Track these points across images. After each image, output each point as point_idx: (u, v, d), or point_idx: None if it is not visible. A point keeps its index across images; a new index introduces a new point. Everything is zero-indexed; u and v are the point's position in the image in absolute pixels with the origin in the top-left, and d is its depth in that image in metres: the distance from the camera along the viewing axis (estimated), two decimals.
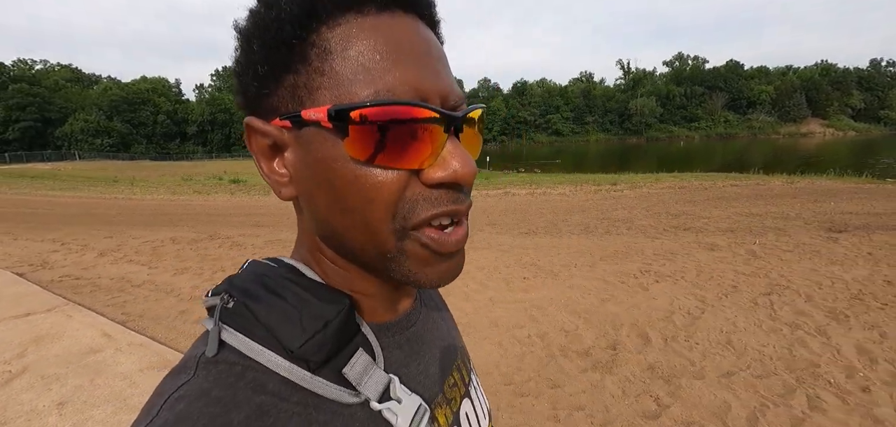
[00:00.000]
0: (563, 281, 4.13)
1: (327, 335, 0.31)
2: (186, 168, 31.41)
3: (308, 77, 0.30)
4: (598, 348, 2.81)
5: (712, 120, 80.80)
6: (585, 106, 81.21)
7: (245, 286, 0.33)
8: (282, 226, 8.17)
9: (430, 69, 0.31)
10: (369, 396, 0.33)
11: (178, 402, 0.28)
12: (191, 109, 62.35)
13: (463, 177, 0.31)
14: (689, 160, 31.66)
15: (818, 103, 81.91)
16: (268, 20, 0.30)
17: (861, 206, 8.18)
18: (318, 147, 0.31)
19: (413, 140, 0.30)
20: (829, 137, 69.73)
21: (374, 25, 0.30)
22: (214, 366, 0.30)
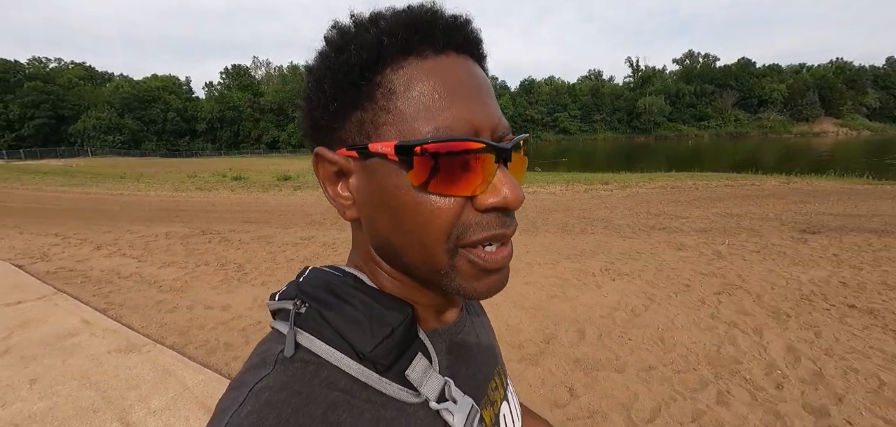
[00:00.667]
0: (523, 278, 4.29)
1: (394, 341, 0.35)
2: (194, 165, 32.02)
3: (374, 114, 0.34)
4: (533, 342, 2.97)
5: (722, 119, 79.70)
6: (593, 104, 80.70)
7: (314, 292, 0.37)
8: (270, 223, 8.42)
9: (481, 105, 0.35)
10: (429, 397, 0.36)
11: (263, 392, 0.31)
12: (200, 107, 63.32)
13: (512, 202, 0.34)
14: (696, 159, 31.36)
15: (831, 102, 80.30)
16: (339, 63, 0.35)
17: (846, 207, 8.18)
18: (383, 176, 0.34)
19: (467, 170, 0.33)
20: (843, 137, 68.29)
21: (432, 67, 0.34)
22: (292, 364, 0.33)
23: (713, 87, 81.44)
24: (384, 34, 0.34)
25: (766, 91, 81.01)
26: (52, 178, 20.60)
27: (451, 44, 0.35)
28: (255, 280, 4.59)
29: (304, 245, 6.10)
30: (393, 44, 0.34)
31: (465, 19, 0.37)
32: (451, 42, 0.35)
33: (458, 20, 0.37)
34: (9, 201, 13.06)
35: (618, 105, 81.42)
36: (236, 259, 5.47)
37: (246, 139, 64.15)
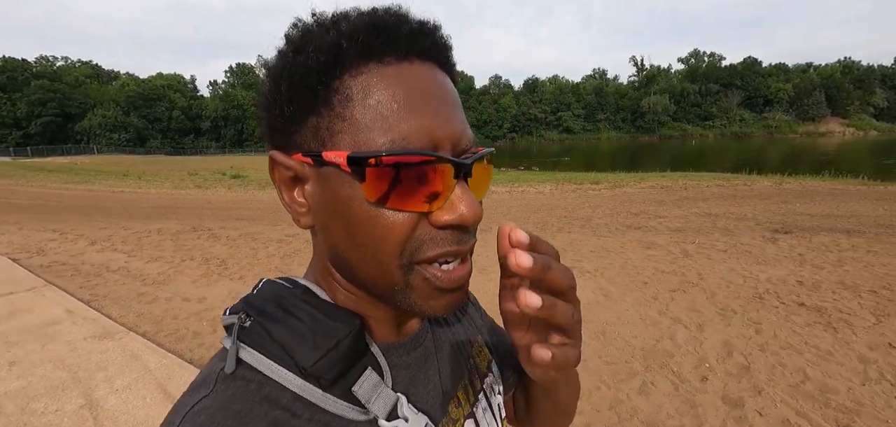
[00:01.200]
0: (487, 276, 4.47)
1: (338, 354, 0.33)
2: (196, 163, 32.46)
3: (330, 120, 0.32)
4: None
5: (727, 118, 79.19)
6: (597, 103, 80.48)
7: (261, 306, 0.36)
8: (260, 220, 8.64)
9: (443, 116, 0.33)
10: (377, 414, 0.34)
11: (198, 414, 0.30)
12: (205, 105, 64.02)
13: (468, 219, 0.33)
14: (699, 160, 31.25)
15: (838, 102, 79.50)
16: (296, 65, 0.33)
17: (827, 208, 8.27)
18: (336, 186, 0.33)
19: (424, 185, 0.32)
20: (849, 137, 67.53)
21: (393, 75, 0.32)
22: (233, 381, 0.32)
23: (718, 86, 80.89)
24: (344, 37, 0.32)
25: (771, 91, 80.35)
26: (56, 176, 21.02)
27: (414, 50, 0.34)
28: (235, 275, 4.81)
29: (288, 242, 6.32)
30: (352, 48, 0.32)
31: (432, 25, 0.36)
32: (416, 48, 0.34)
33: (424, 26, 0.35)
34: (13, 198, 13.42)
35: (622, 104, 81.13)
36: (220, 255, 5.69)
37: (250, 137, 64.68)
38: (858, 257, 4.98)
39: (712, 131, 76.90)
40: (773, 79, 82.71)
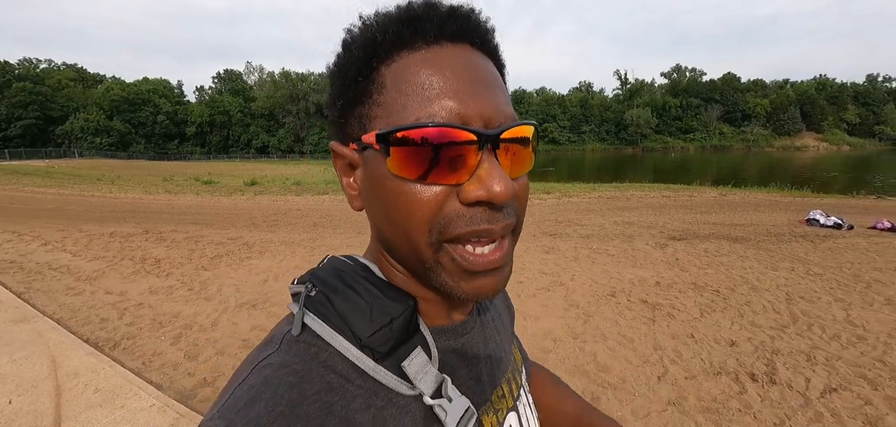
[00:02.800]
0: None
1: (392, 331, 0.36)
2: (175, 168, 32.64)
3: (369, 108, 0.36)
4: None
5: (707, 131, 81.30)
6: (582, 115, 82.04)
7: (325, 278, 0.38)
8: (212, 224, 9.09)
9: (472, 93, 0.34)
10: (424, 391, 0.36)
11: (264, 369, 0.33)
12: (190, 111, 63.93)
13: (497, 196, 0.32)
14: (677, 171, 32.11)
15: (813, 117, 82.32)
16: (343, 62, 0.38)
17: (736, 217, 9.01)
18: (374, 166, 0.36)
19: (449, 159, 0.33)
20: (823, 151, 69.71)
21: (422, 59, 0.35)
22: (296, 343, 0.35)
23: (699, 100, 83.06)
24: (378, 31, 0.35)
25: (749, 106, 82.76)
26: (30, 179, 21.10)
27: (444, 34, 0.35)
28: (162, 273, 5.29)
29: (226, 245, 6.80)
30: (385, 39, 0.35)
31: (465, 10, 0.37)
32: (444, 32, 0.35)
33: (454, 10, 0.37)
34: None
35: (606, 116, 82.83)
36: (158, 255, 6.16)
37: (235, 143, 64.71)
38: (726, 261, 5.64)
39: (693, 144, 78.80)
40: (751, 94, 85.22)
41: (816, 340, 3.42)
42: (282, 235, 7.69)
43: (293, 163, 48.87)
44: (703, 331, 3.61)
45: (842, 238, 6.87)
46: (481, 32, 0.38)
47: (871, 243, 6.54)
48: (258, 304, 4.19)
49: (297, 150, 64.52)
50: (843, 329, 3.62)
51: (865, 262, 5.56)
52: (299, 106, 64.87)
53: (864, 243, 6.50)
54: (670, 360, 3.12)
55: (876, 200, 14.97)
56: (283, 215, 10.65)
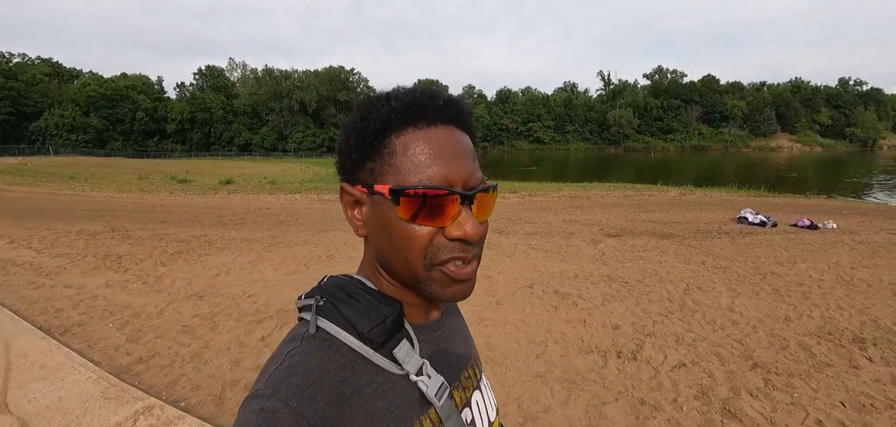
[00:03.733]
0: (310, 272, 5.45)
1: (385, 326, 0.49)
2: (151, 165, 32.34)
3: (381, 165, 0.49)
4: (267, 315, 4.14)
5: (687, 132, 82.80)
6: (566, 115, 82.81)
7: (331, 291, 0.51)
8: (180, 223, 9.34)
9: (457, 164, 0.48)
10: (410, 371, 0.49)
11: (295, 355, 0.46)
12: (171, 107, 62.89)
13: (470, 236, 0.47)
14: (657, 170, 32.88)
15: (787, 119, 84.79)
16: (362, 127, 0.50)
17: (679, 215, 9.66)
18: (383, 209, 0.48)
19: (439, 209, 0.46)
20: (797, 152, 71.79)
21: (424, 135, 0.48)
22: (313, 339, 0.48)
23: (679, 101, 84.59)
24: (393, 111, 0.48)
25: (727, 107, 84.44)
26: (1, 177, 20.84)
27: (440, 118, 0.49)
28: (120, 269, 5.61)
29: (189, 242, 7.11)
30: (398, 118, 0.48)
31: (455, 100, 0.52)
32: (441, 117, 0.49)
33: (448, 101, 0.51)
34: None
35: (590, 116, 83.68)
36: (121, 252, 6.45)
37: (217, 141, 63.93)
38: (646, 256, 6.19)
39: (673, 144, 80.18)
40: (729, 96, 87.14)
41: (692, 325, 3.93)
42: (245, 233, 8.02)
43: (276, 161, 48.55)
44: (596, 317, 4.11)
45: (762, 234, 7.53)
46: (465, 116, 0.52)
47: (786, 239, 7.20)
48: (204, 295, 4.57)
49: (280, 148, 63.98)
50: (721, 315, 4.15)
51: (771, 256, 6.19)
52: (283, 103, 64.35)
53: (779, 239, 7.16)
54: (553, 341, 3.60)
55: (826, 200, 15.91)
56: (251, 213, 10.94)
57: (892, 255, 6.24)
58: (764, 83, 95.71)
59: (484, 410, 0.60)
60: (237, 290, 4.72)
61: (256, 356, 3.24)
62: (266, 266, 5.64)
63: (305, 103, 64.23)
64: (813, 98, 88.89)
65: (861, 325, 3.83)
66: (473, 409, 0.58)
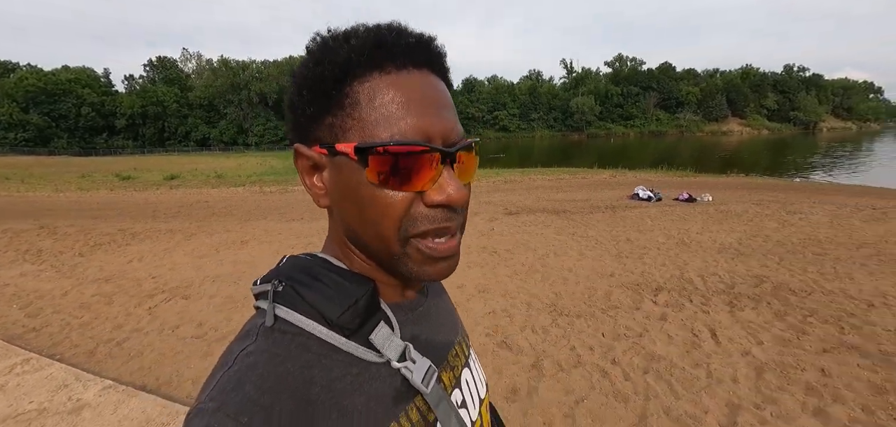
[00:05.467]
0: (223, 254, 6.01)
1: (357, 309, 0.41)
2: (97, 164, 31.19)
3: (342, 119, 0.41)
4: (161, 291, 4.71)
5: (645, 118, 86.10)
6: (531, 103, 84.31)
7: (290, 274, 0.43)
8: (109, 218, 9.55)
9: (434, 115, 0.41)
10: (391, 357, 0.42)
11: (247, 356, 0.37)
12: (120, 102, 59.98)
13: (455, 200, 0.40)
14: (612, 156, 33.99)
15: (738, 104, 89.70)
16: (316, 74, 0.41)
17: (584, 195, 10.70)
18: (348, 173, 0.41)
19: (415, 170, 0.39)
20: (746, 136, 76.10)
21: (393, 81, 0.40)
22: (271, 333, 0.39)
23: (638, 88, 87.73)
24: (353, 52, 0.40)
25: (682, 93, 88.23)
26: None
27: (411, 60, 0.41)
28: (38, 261, 5.94)
29: (113, 234, 7.43)
30: (360, 60, 0.40)
31: (427, 38, 0.44)
32: (412, 59, 0.41)
33: (420, 39, 0.43)
34: None
35: (554, 104, 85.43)
36: (43, 246, 6.73)
37: (173, 136, 61.58)
38: (530, 230, 7.04)
39: (633, 130, 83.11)
40: (684, 83, 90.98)
41: (527, 283, 4.72)
42: (173, 225, 8.39)
43: (237, 155, 47.22)
44: (452, 279, 4.89)
45: (642, 208, 8.60)
46: (439, 59, 0.45)
47: (660, 210, 8.27)
48: (111, 279, 5.04)
49: (241, 141, 62.32)
50: (558, 274, 4.98)
51: (635, 225, 7.19)
52: (241, 95, 62.58)
53: (654, 211, 8.22)
54: None
55: (745, 178, 17.50)
56: (187, 207, 11.20)
57: (739, 221, 7.38)
58: (717, 70, 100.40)
59: (474, 388, 0.55)
60: (143, 274, 5.22)
61: (136, 321, 3.82)
62: (179, 252, 6.13)
63: (265, 95, 62.72)
64: (761, 84, 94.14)
65: (669, 278, 4.76)
66: (463, 388, 0.52)
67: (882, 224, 7.07)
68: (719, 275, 4.73)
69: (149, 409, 2.33)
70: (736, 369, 2.88)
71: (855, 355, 3.07)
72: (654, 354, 3.08)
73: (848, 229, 6.76)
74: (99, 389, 2.56)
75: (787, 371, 2.86)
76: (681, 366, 2.92)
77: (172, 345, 3.33)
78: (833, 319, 3.66)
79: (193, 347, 3.29)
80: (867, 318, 3.67)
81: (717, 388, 2.68)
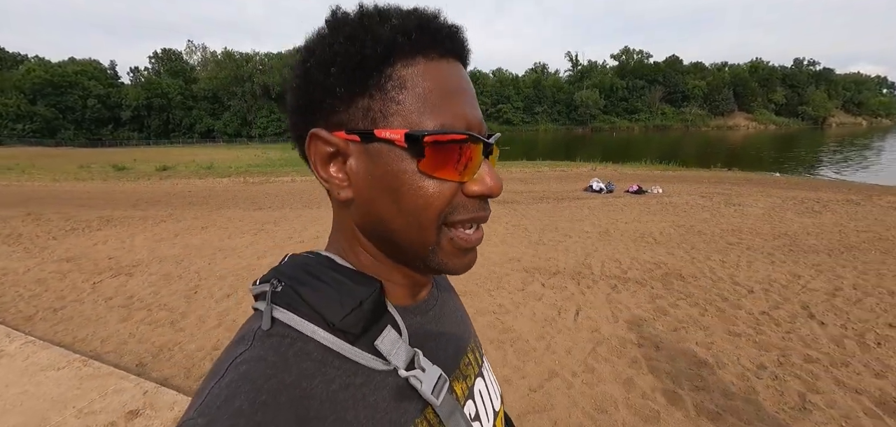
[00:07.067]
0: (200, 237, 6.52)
1: (362, 312, 0.39)
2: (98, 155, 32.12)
3: (383, 103, 0.38)
4: (114, 270, 5.21)
5: (650, 112, 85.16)
6: (535, 96, 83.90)
7: (291, 273, 0.41)
8: (96, 207, 10.11)
9: (471, 106, 0.41)
10: (398, 365, 0.39)
11: (241, 365, 0.34)
12: (125, 94, 61.09)
13: (494, 190, 0.41)
14: (616, 150, 33.76)
15: (745, 98, 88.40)
16: (351, 52, 0.38)
17: (543, 186, 11.06)
18: (390, 161, 0.38)
19: (462, 161, 0.39)
20: (752, 130, 75.04)
21: (436, 69, 0.39)
22: (268, 337, 0.37)
23: (644, 82, 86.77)
24: (398, 32, 0.38)
25: (689, 87, 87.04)
26: None
27: (449, 50, 0.41)
28: (14, 244, 6.48)
29: (91, 221, 7.97)
30: (405, 42, 0.38)
31: (459, 28, 0.43)
32: (450, 48, 0.41)
33: (456, 29, 0.42)
34: None
35: (558, 98, 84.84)
36: (23, 231, 7.28)
37: (177, 128, 62.63)
38: None
39: (638, 124, 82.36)
40: (690, 76, 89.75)
41: None
42: (149, 213, 8.93)
43: (240, 147, 47.79)
44: None
45: (588, 199, 8.97)
46: (468, 54, 0.44)
47: (605, 202, 8.64)
48: (73, 259, 5.57)
49: (244, 133, 63.18)
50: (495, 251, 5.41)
51: (573, 216, 7.56)
52: (245, 87, 63.37)
53: (598, 202, 8.59)
54: None
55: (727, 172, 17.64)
56: (169, 196, 11.78)
57: (673, 213, 7.73)
58: (725, 64, 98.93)
59: (488, 400, 0.51)
60: (103, 255, 5.74)
61: (78, 293, 4.33)
62: (142, 237, 6.65)
63: (269, 87, 63.40)
64: (769, 78, 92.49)
65: (570, 264, 5.06)
66: (477, 400, 0.49)
67: (813, 217, 7.39)
68: (620, 261, 5.11)
69: (55, 358, 2.82)
70: (574, 343, 3.28)
71: (699, 334, 3.45)
72: (507, 327, 3.50)
73: (776, 221, 7.09)
74: (21, 343, 3.06)
75: (624, 346, 3.24)
76: (526, 338, 3.33)
77: (99, 312, 3.84)
78: (703, 303, 4.03)
79: (116, 314, 3.79)
80: (738, 302, 4.04)
81: (545, 357, 3.09)
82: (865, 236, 6.30)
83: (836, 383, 2.84)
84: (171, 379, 2.82)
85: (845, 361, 3.08)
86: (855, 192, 11.21)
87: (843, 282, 4.50)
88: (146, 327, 3.57)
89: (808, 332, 3.46)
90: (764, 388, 2.78)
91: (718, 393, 2.71)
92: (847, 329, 3.52)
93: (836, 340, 3.35)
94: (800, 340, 3.34)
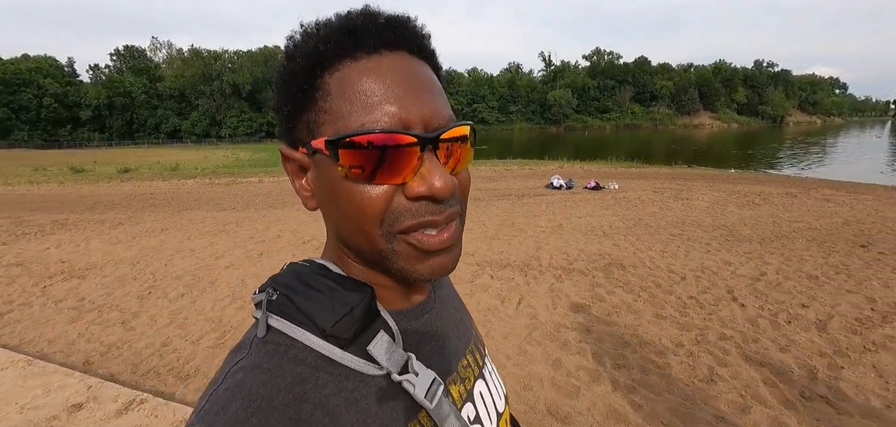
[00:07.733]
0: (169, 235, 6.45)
1: (353, 318, 0.39)
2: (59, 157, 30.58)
3: (315, 114, 0.39)
4: (65, 273, 5.14)
5: (621, 111, 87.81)
6: (510, 96, 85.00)
7: (285, 282, 0.41)
8: (50, 210, 9.75)
9: (411, 98, 0.37)
10: (391, 370, 0.39)
11: (237, 372, 0.36)
12: (85, 92, 58.21)
13: (438, 191, 0.36)
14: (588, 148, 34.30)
15: (709, 98, 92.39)
16: (288, 70, 0.40)
17: (507, 184, 11.39)
18: (325, 170, 0.39)
19: (393, 160, 0.36)
20: (716, 129, 78.24)
21: (365, 67, 0.38)
22: (263, 345, 0.38)
23: (614, 82, 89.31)
24: (321, 41, 0.38)
25: (657, 87, 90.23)
26: None
27: (383, 44, 0.39)
28: None
29: (44, 225, 7.73)
30: (328, 49, 0.38)
31: (401, 18, 0.41)
32: (384, 42, 0.39)
33: (391, 20, 0.40)
34: None
35: (532, 97, 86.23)
36: None
37: (142, 128, 60.18)
38: None
39: (609, 123, 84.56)
40: (658, 77, 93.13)
41: None
42: (107, 216, 8.71)
43: (209, 148, 46.24)
44: None
45: (547, 196, 9.31)
46: (418, 40, 0.42)
47: (562, 198, 8.99)
48: (24, 263, 5.43)
49: (213, 134, 61.36)
50: None
51: (529, 212, 7.84)
52: (213, 86, 61.51)
53: (556, 198, 8.94)
54: None
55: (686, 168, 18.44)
56: (130, 199, 11.44)
57: (626, 207, 8.15)
58: (691, 64, 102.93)
59: (490, 402, 0.51)
60: (55, 258, 5.63)
61: (27, 297, 4.27)
62: (97, 240, 6.52)
63: (239, 86, 61.75)
64: (732, 78, 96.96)
65: (521, 257, 5.28)
66: (477, 402, 0.49)
67: (752, 209, 7.95)
68: (568, 254, 5.42)
69: None
70: (512, 329, 3.51)
71: (629, 318, 3.74)
72: None
73: (718, 214, 7.60)
74: None
75: (558, 331, 3.50)
76: None
77: (48, 314, 3.82)
78: (638, 289, 4.35)
79: (65, 316, 3.78)
80: (670, 288, 4.37)
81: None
82: (796, 226, 6.83)
83: (744, 358, 3.16)
84: (117, 375, 2.88)
85: (755, 338, 3.41)
86: (796, 185, 12.04)
87: (768, 267, 4.91)
88: (96, 327, 3.59)
89: (728, 314, 3.79)
90: (678, 363, 3.07)
91: (637, 369, 2.99)
92: (763, 310, 3.87)
93: (752, 320, 3.68)
94: (719, 321, 3.66)
